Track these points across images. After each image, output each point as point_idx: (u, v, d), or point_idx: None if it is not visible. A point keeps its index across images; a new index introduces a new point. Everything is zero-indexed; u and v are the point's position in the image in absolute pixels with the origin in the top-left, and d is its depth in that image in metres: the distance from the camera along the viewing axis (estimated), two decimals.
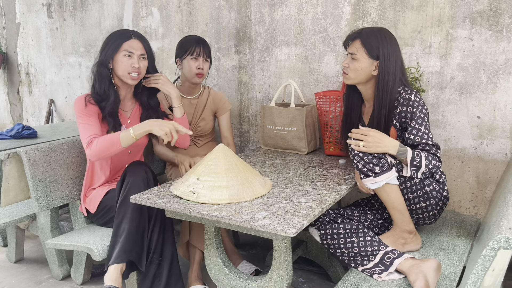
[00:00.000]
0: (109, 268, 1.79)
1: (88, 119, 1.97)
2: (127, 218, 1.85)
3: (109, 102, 2.01)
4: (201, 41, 2.31)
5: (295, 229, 1.35)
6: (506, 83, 2.02)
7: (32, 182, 2.00)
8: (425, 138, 1.70)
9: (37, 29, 3.87)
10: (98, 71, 2.02)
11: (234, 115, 2.86)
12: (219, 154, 1.69)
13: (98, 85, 2.01)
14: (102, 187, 2.10)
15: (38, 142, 2.55)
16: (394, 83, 1.77)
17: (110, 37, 2.05)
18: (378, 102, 1.79)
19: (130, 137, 1.87)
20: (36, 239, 2.85)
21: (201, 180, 1.64)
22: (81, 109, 1.98)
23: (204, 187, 1.62)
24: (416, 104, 1.72)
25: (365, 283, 1.55)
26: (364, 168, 1.65)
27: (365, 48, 1.78)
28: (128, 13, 3.21)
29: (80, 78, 3.66)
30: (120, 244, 1.82)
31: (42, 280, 2.34)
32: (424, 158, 1.66)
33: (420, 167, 1.66)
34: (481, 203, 2.16)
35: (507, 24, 1.98)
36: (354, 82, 1.86)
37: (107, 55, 2.00)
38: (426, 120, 1.72)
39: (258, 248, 2.70)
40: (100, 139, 1.88)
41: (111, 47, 2.00)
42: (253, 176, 1.70)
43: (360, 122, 1.96)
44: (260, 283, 1.65)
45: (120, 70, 2.00)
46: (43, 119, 4.04)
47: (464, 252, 1.77)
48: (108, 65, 2.01)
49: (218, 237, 1.76)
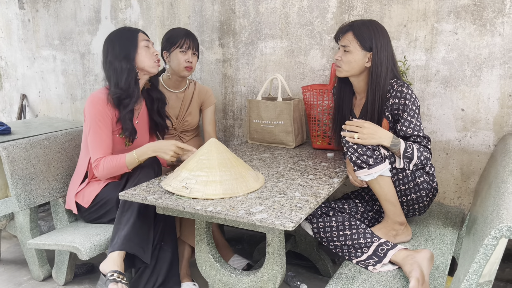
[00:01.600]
0: (110, 255, 1.73)
1: (102, 128, 1.91)
2: (133, 208, 1.80)
3: (133, 99, 1.97)
4: (190, 34, 2.27)
5: (293, 222, 1.34)
6: (489, 76, 2.06)
7: (12, 180, 1.91)
8: (417, 130, 1.72)
9: (7, 20, 3.70)
10: (124, 67, 1.95)
11: (218, 109, 2.82)
12: (211, 149, 1.66)
13: (124, 80, 1.95)
14: (99, 181, 2.03)
15: (14, 138, 2.44)
16: (387, 74, 1.78)
17: (118, 34, 2.01)
18: (372, 94, 1.80)
19: (135, 162, 1.89)
20: (13, 240, 2.74)
21: (193, 175, 1.60)
22: (97, 109, 1.92)
23: (197, 182, 1.58)
24: (409, 97, 1.73)
25: (361, 275, 1.55)
26: (358, 160, 1.65)
27: (358, 40, 1.79)
28: (106, 4, 3.11)
29: (55, 72, 3.53)
30: (124, 232, 1.77)
31: (21, 281, 2.25)
32: (416, 149, 1.68)
33: (412, 159, 1.68)
34: (465, 194, 2.21)
35: (491, 19, 2.02)
36: (347, 75, 1.86)
37: (129, 49, 1.96)
38: (418, 113, 1.75)
39: (244, 243, 2.68)
40: (107, 163, 1.88)
41: (130, 42, 1.97)
42: (246, 171, 1.68)
43: (351, 114, 1.96)
44: (253, 278, 1.63)
45: (147, 60, 2.00)
46: (15, 114, 3.88)
47: (452, 242, 1.81)
48: (133, 60, 1.97)
49: (209, 232, 1.73)
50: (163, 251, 1.93)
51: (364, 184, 1.74)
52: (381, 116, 1.79)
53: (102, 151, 1.91)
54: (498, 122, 2.08)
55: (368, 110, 1.82)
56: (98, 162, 1.90)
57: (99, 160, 1.90)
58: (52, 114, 3.63)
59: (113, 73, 1.96)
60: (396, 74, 1.82)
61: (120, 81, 1.95)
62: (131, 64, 1.97)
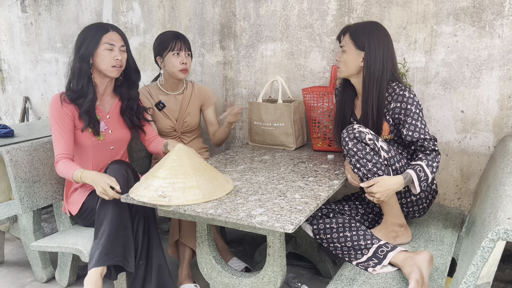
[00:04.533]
0: (89, 272, 1.74)
1: (61, 126, 1.91)
2: (107, 219, 1.80)
3: (87, 99, 1.94)
4: (179, 36, 2.28)
5: (293, 225, 1.35)
6: (488, 78, 2.07)
7: (15, 183, 1.93)
8: (423, 133, 1.73)
9: (10, 24, 3.73)
10: (77, 67, 1.94)
11: (219, 112, 2.83)
12: (181, 155, 1.65)
13: (76, 81, 1.94)
14: (84, 188, 2.04)
15: (16, 141, 2.46)
16: (382, 74, 1.78)
17: (86, 31, 1.98)
18: (365, 93, 1.81)
19: (78, 179, 1.85)
20: (16, 242, 2.76)
21: (169, 182, 1.58)
22: (55, 109, 1.92)
23: (175, 189, 1.57)
24: (411, 101, 1.74)
25: (360, 276, 1.57)
26: (357, 163, 1.67)
27: (352, 40, 1.81)
28: (108, 7, 3.13)
29: (57, 74, 3.55)
30: (100, 246, 1.77)
31: (25, 283, 2.27)
32: (426, 167, 1.68)
33: (428, 179, 1.69)
34: (464, 195, 2.22)
35: (490, 21, 2.03)
36: (345, 75, 1.88)
37: (88, 49, 1.93)
38: (422, 115, 1.76)
39: (245, 245, 2.70)
40: (62, 167, 1.88)
41: (91, 42, 1.94)
42: (217, 173, 1.70)
43: (353, 116, 1.97)
44: (254, 280, 1.65)
45: (103, 64, 1.95)
46: (18, 117, 3.91)
47: (452, 243, 1.82)
48: (89, 61, 1.94)
49: (210, 234, 1.74)
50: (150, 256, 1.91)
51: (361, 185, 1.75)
52: (380, 119, 1.80)
53: (61, 148, 1.90)
54: (498, 124, 2.09)
55: (362, 110, 1.84)
56: (57, 160, 1.90)
57: (59, 159, 1.90)
58: None
59: (70, 72, 1.97)
60: (397, 77, 1.83)
61: (73, 81, 1.95)
62: (86, 65, 1.94)
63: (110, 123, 2.06)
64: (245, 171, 1.94)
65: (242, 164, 2.05)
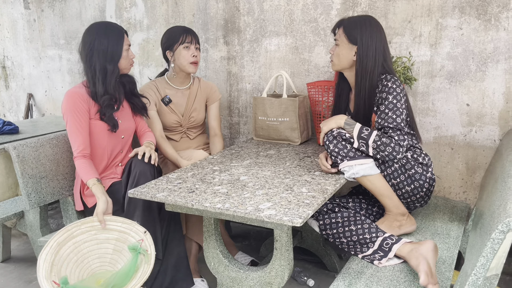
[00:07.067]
0: None
1: (78, 121, 1.93)
2: (139, 209, 1.84)
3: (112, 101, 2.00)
4: (189, 29, 2.28)
5: (301, 218, 1.36)
6: (494, 71, 2.07)
7: (22, 179, 1.94)
8: (390, 121, 1.71)
9: (13, 20, 3.72)
10: (108, 68, 1.96)
11: (224, 107, 2.84)
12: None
13: (110, 83, 1.98)
14: (103, 180, 2.05)
15: (22, 137, 2.47)
16: (374, 68, 1.79)
17: (107, 31, 1.99)
18: (357, 87, 1.83)
19: (89, 186, 1.88)
20: (23, 238, 2.78)
21: None
22: (72, 104, 1.93)
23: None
24: (392, 90, 1.74)
25: (368, 269, 1.57)
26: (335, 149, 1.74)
27: (346, 34, 1.82)
28: (111, 3, 3.13)
29: (61, 71, 3.55)
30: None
31: (32, 279, 2.29)
32: (375, 135, 1.69)
33: (367, 140, 1.69)
34: (470, 189, 2.22)
35: (495, 13, 2.02)
36: (338, 69, 1.90)
37: (116, 51, 1.97)
38: (399, 106, 1.72)
39: (251, 239, 2.71)
40: (79, 167, 1.92)
41: (116, 42, 1.98)
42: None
43: (347, 110, 1.99)
44: (261, 274, 1.66)
45: (125, 63, 2.03)
46: (22, 114, 3.91)
47: (458, 236, 1.82)
48: (117, 62, 1.99)
49: (217, 229, 1.75)
50: (169, 248, 1.94)
51: (332, 171, 1.79)
52: (370, 111, 1.82)
53: (79, 143, 1.93)
54: (504, 117, 2.09)
55: (355, 103, 1.85)
56: (76, 156, 1.93)
57: (78, 156, 1.93)
58: (59, 113, 3.65)
59: (99, 74, 1.97)
60: (387, 69, 1.82)
61: (105, 84, 1.97)
62: (116, 67, 1.99)
63: (119, 114, 2.10)
64: (251, 165, 1.95)
65: (247, 159, 2.05)
